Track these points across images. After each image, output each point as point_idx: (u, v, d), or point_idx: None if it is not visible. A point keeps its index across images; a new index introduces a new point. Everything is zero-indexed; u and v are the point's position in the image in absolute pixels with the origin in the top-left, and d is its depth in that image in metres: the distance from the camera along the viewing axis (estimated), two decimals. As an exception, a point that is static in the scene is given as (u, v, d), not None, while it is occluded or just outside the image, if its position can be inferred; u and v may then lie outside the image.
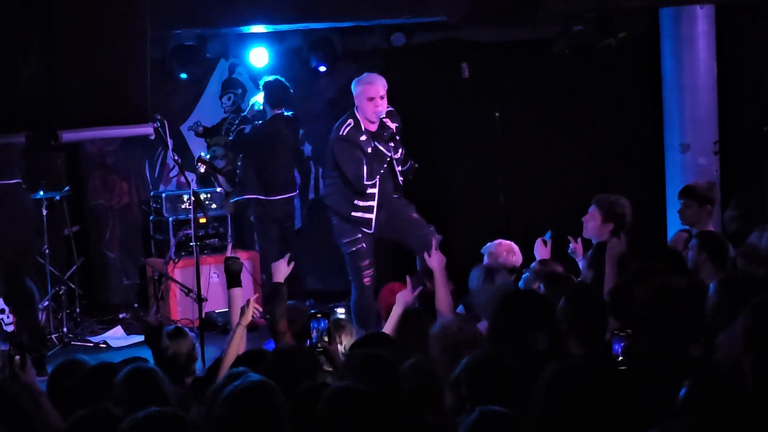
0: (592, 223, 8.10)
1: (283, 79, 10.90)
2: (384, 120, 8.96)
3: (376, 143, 8.93)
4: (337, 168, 9.06)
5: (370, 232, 9.03)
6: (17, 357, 5.47)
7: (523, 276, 7.36)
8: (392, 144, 8.98)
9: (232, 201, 11.61)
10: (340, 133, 8.96)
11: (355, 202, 8.99)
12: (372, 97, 8.89)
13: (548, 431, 4.15)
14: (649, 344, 5.17)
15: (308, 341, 5.92)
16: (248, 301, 6.55)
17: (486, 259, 7.92)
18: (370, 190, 8.96)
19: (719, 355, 4.80)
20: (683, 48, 11.18)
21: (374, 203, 8.98)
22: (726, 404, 4.01)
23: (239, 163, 11.40)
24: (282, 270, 7.00)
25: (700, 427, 3.80)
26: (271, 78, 10.91)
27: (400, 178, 9.12)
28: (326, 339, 5.83)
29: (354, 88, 9.05)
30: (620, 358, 5.21)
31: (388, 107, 9.02)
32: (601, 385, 4.26)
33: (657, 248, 8.16)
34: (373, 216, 8.99)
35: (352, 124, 8.93)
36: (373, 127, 8.95)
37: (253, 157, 11.01)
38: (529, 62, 11.89)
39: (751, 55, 11.57)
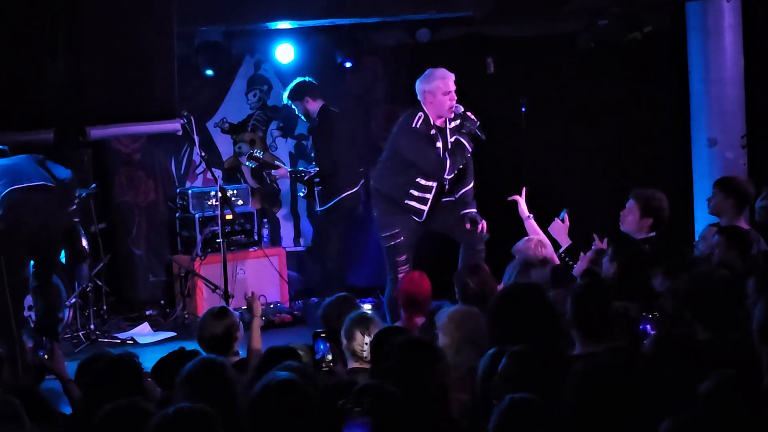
0: (631, 217, 8.07)
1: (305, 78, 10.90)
2: (468, 114, 9.01)
3: (459, 136, 8.98)
4: (398, 156, 9.09)
5: (420, 221, 9.07)
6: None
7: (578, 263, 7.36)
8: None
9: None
10: (412, 126, 8.99)
11: (411, 191, 9.04)
12: (448, 92, 8.93)
13: (580, 420, 4.17)
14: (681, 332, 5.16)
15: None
16: (252, 294, 6.62)
17: (517, 258, 7.90)
18: (428, 183, 9.00)
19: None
20: (710, 41, 11.13)
21: (430, 195, 9.04)
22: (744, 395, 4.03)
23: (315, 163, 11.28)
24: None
25: (719, 418, 3.81)
26: (296, 81, 10.87)
27: (446, 187, 9.16)
28: (330, 359, 5.81)
29: (424, 83, 9.01)
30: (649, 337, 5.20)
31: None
32: (632, 378, 4.27)
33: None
34: (426, 207, 9.04)
35: (423, 118, 8.96)
36: (440, 122, 8.98)
37: (340, 148, 11.00)
38: (554, 57, 11.85)
39: (778, 48, 11.50)
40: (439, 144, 8.96)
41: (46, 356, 5.74)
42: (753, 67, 11.25)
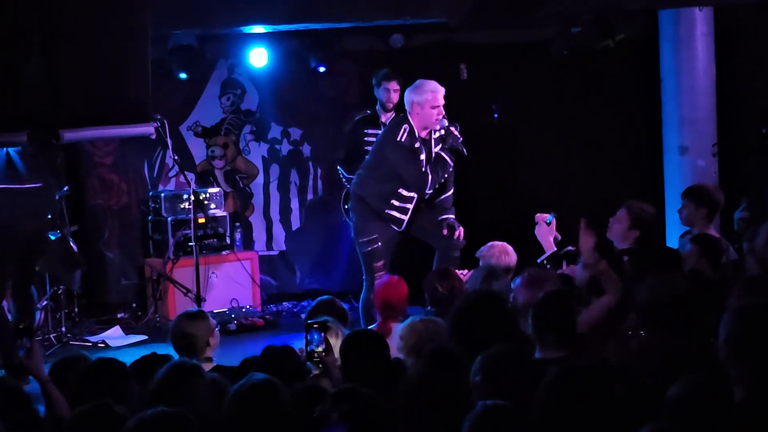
0: (618, 226, 8.02)
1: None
2: (451, 128, 9.02)
3: (440, 151, 8.99)
4: (382, 166, 9.08)
5: (399, 230, 9.09)
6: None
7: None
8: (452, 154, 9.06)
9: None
10: (397, 139, 8.96)
11: (392, 201, 9.03)
12: (436, 106, 8.92)
13: (549, 427, 4.18)
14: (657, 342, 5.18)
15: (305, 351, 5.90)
16: None
17: (481, 263, 7.93)
18: (410, 194, 9.01)
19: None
20: (682, 50, 11.19)
21: (411, 206, 9.04)
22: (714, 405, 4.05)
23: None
24: None
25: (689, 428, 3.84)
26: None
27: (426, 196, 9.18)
28: (323, 350, 5.79)
29: (413, 95, 8.98)
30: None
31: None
32: (603, 384, 4.29)
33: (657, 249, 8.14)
34: (406, 218, 9.05)
35: (408, 130, 8.94)
36: (425, 134, 8.98)
37: None
38: (527, 64, 11.90)
39: (749, 57, 11.58)
40: (423, 156, 8.96)
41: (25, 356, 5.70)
42: (725, 76, 11.33)
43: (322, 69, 11.70)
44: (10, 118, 5.93)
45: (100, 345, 10.22)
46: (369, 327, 7.52)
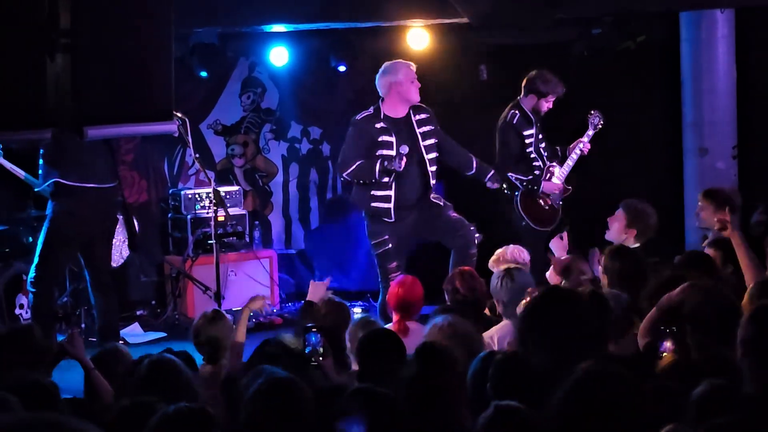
0: (617, 224, 8.10)
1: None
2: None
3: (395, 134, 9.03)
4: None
5: (391, 221, 9.07)
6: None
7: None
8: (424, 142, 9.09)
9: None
10: (356, 117, 9.14)
11: (372, 192, 9.07)
12: (414, 78, 9.07)
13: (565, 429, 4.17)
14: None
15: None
16: (261, 296, 6.61)
17: (495, 267, 7.89)
18: (383, 180, 9.01)
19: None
20: (703, 51, 11.18)
21: (391, 192, 9.03)
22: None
23: None
24: (319, 291, 7.08)
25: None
26: None
27: (432, 181, 9.18)
28: (320, 352, 5.78)
29: (390, 76, 9.12)
30: (665, 353, 5.16)
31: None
32: (626, 388, 4.28)
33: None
34: (390, 205, 9.04)
35: (371, 112, 9.00)
36: (402, 113, 9.01)
37: None
38: (547, 65, 11.85)
39: (770, 59, 11.56)
40: (391, 138, 8.99)
41: (66, 342, 5.74)
42: (745, 78, 11.31)
43: (342, 68, 11.73)
44: (34, 115, 5.96)
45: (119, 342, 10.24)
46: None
